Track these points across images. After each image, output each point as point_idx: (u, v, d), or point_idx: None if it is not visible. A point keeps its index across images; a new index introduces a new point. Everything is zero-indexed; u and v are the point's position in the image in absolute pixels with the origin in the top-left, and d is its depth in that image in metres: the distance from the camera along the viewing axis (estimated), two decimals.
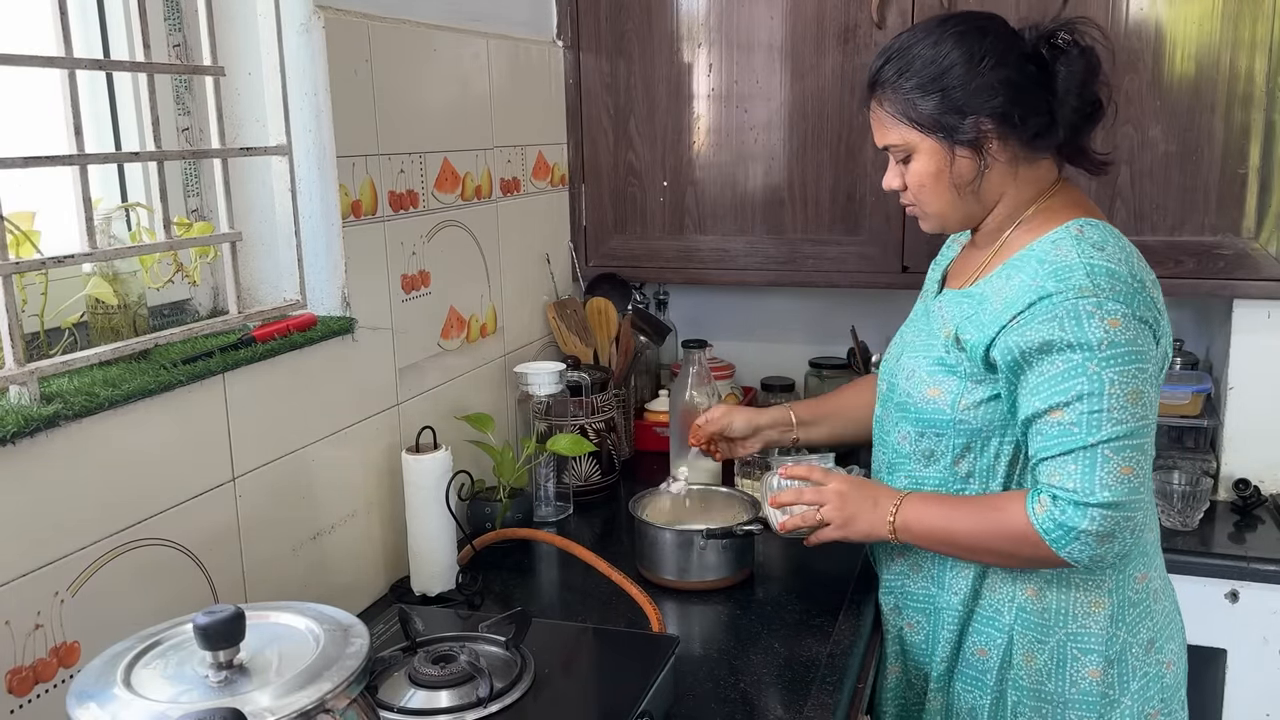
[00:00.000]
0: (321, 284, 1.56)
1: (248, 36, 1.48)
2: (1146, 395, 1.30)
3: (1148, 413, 1.30)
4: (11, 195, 1.15)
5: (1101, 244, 1.34)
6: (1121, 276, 1.31)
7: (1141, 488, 1.30)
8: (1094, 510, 1.29)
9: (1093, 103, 1.39)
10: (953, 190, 1.41)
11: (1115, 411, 1.28)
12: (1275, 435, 2.12)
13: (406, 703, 1.17)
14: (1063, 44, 1.36)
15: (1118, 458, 1.28)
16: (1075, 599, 1.40)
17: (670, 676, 1.30)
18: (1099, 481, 1.28)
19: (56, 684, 1.11)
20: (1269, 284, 2.01)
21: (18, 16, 1.32)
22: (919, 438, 1.47)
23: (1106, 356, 1.28)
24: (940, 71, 1.36)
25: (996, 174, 1.40)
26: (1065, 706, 1.41)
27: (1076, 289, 1.29)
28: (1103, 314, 1.28)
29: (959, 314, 1.43)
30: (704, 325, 2.62)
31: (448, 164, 1.84)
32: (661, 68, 2.29)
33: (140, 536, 1.22)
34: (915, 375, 1.47)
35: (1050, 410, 1.31)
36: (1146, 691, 1.42)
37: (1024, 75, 1.36)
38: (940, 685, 1.52)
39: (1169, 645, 1.46)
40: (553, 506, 1.97)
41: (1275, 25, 1.92)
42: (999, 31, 1.38)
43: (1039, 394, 1.32)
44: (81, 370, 1.19)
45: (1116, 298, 1.29)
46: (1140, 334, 1.30)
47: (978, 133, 1.37)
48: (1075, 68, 1.35)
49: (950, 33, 1.37)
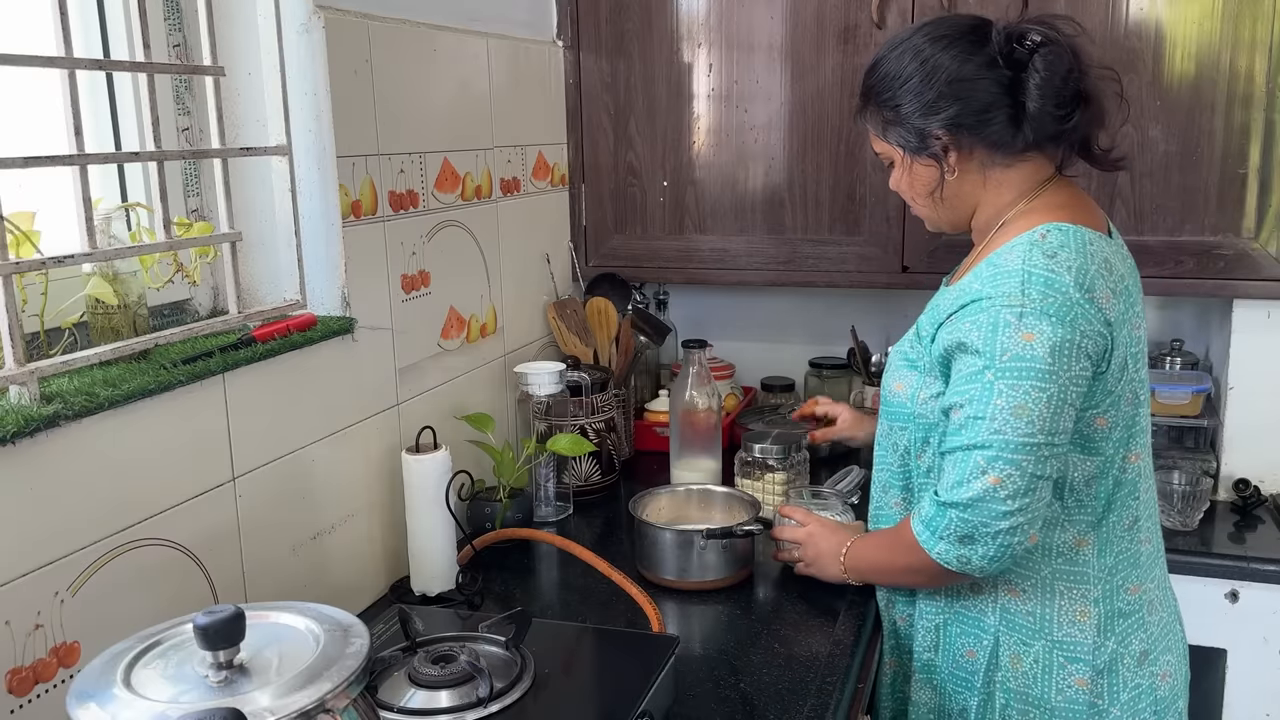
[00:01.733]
0: (321, 284, 1.56)
1: (248, 36, 1.48)
2: (1034, 413, 1.27)
3: (1034, 433, 1.27)
4: (11, 195, 1.15)
5: (1054, 251, 1.32)
6: (1059, 287, 1.29)
7: (1010, 499, 1.28)
8: (951, 511, 1.31)
9: (1074, 99, 1.36)
10: (925, 196, 1.46)
11: (995, 422, 1.28)
12: (1275, 435, 2.12)
13: (406, 703, 1.17)
14: (1033, 43, 1.35)
15: (989, 466, 1.28)
16: (1060, 606, 1.40)
17: (670, 676, 1.30)
18: (960, 482, 1.30)
19: (56, 684, 1.11)
20: (1269, 284, 2.01)
21: (18, 16, 1.32)
22: (890, 431, 1.52)
23: (1003, 368, 1.28)
24: (898, 87, 1.40)
25: (966, 180, 1.42)
26: (1052, 713, 1.41)
27: (1005, 296, 1.30)
28: (1020, 326, 1.28)
29: (933, 311, 1.47)
30: (704, 325, 2.62)
31: (448, 164, 1.84)
32: (661, 68, 2.29)
33: (140, 536, 1.22)
34: (891, 370, 1.52)
35: (951, 408, 1.34)
36: (1138, 704, 1.41)
37: (984, 82, 1.35)
38: (926, 678, 1.52)
39: (1165, 657, 1.45)
40: (553, 506, 1.97)
41: (1275, 25, 1.92)
42: (962, 37, 1.37)
43: (949, 391, 1.36)
44: (81, 370, 1.19)
45: (1045, 311, 1.28)
46: (1057, 354, 1.27)
47: (935, 143, 1.39)
48: (1049, 66, 1.33)
49: (914, 45, 1.39)
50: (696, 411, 2.00)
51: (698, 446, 2.03)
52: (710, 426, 2.02)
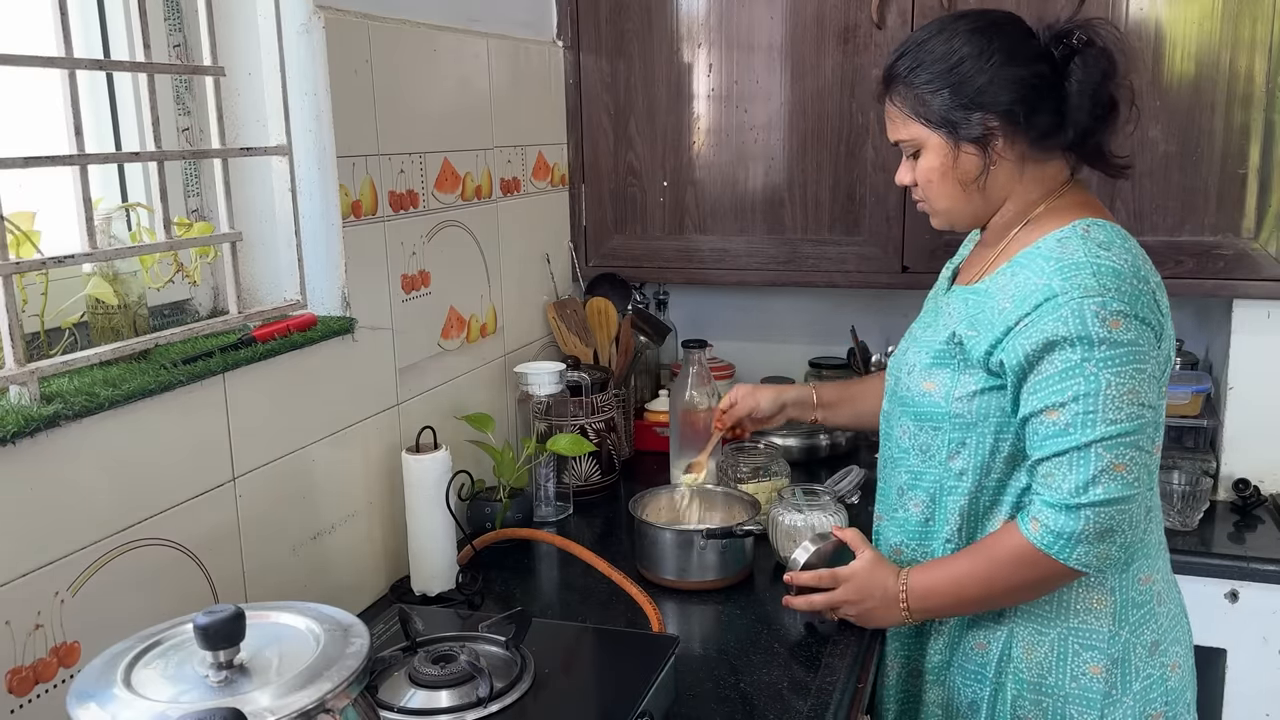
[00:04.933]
0: (321, 284, 1.56)
1: (248, 36, 1.48)
2: (1144, 394, 1.30)
3: (1144, 411, 1.30)
4: (11, 195, 1.15)
5: (1108, 243, 1.34)
6: (1125, 275, 1.31)
7: (1137, 483, 1.30)
8: (1086, 511, 1.29)
9: (1106, 104, 1.38)
10: (958, 186, 1.42)
11: (1109, 411, 1.28)
12: (1275, 435, 2.12)
13: (406, 703, 1.17)
14: (1077, 44, 1.36)
15: (1110, 455, 1.29)
16: (1076, 594, 1.40)
17: (670, 676, 1.30)
18: (1091, 480, 1.29)
19: (57, 684, 1.11)
20: (1269, 284, 2.01)
21: (18, 16, 1.32)
22: (917, 432, 1.48)
23: (1104, 356, 1.28)
24: (949, 67, 1.37)
25: (1003, 172, 1.40)
26: (1065, 701, 1.41)
27: (1082, 288, 1.29)
28: (1106, 314, 1.28)
29: (962, 311, 1.44)
30: (704, 325, 2.62)
31: (448, 164, 1.84)
32: (661, 68, 2.29)
33: (140, 536, 1.22)
34: (915, 370, 1.48)
35: (1046, 410, 1.31)
36: (1150, 693, 1.41)
37: (1034, 74, 1.35)
38: (938, 679, 1.52)
39: (1174, 648, 1.45)
40: (553, 506, 1.97)
41: (1275, 25, 1.92)
42: (1012, 29, 1.38)
43: (1037, 393, 1.32)
44: (82, 370, 1.19)
45: (1121, 297, 1.29)
46: (1141, 334, 1.30)
47: (984, 130, 1.37)
48: (1090, 68, 1.35)
49: (963, 29, 1.38)
50: (696, 411, 2.00)
51: (698, 446, 2.02)
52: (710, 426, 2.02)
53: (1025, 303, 1.33)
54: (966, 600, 1.42)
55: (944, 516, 1.47)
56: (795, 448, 2.23)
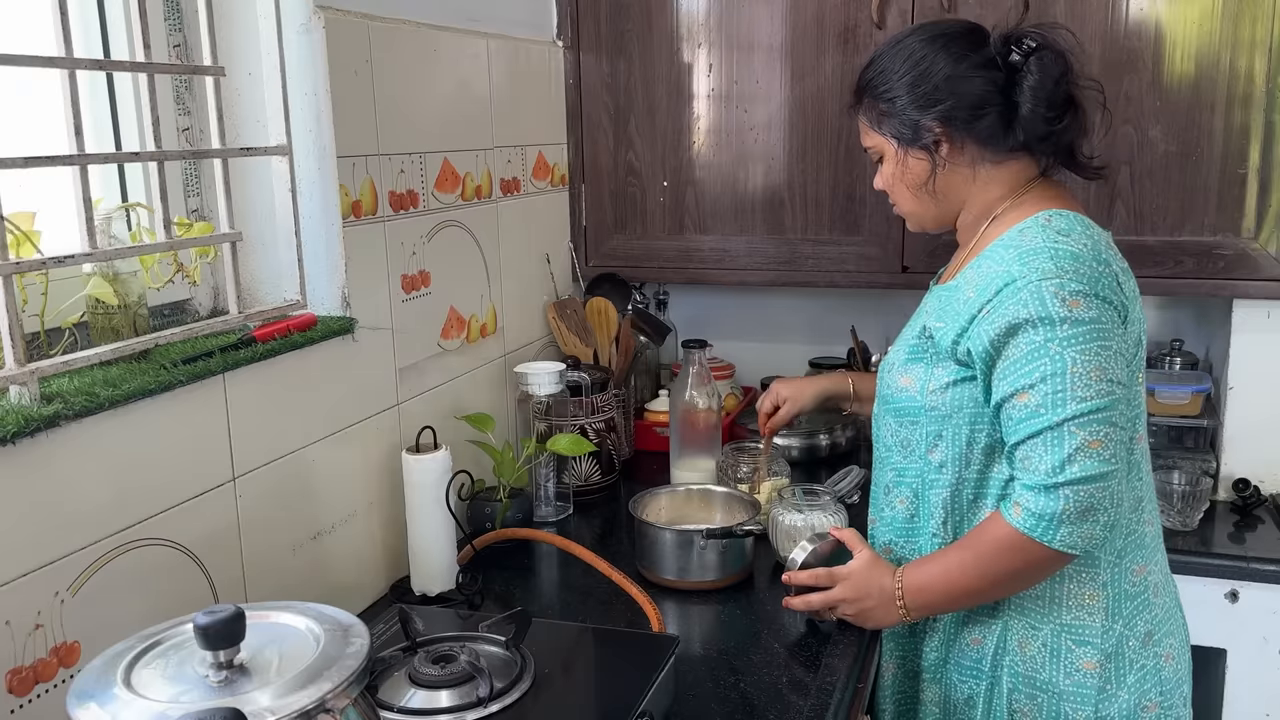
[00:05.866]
0: (321, 284, 1.56)
1: (248, 36, 1.48)
2: (1112, 371, 1.31)
3: (1114, 388, 1.31)
4: (11, 195, 1.15)
5: (1068, 230, 1.37)
6: (1085, 259, 1.33)
7: (1114, 458, 1.30)
8: (1064, 490, 1.30)
9: (1064, 105, 1.40)
10: (911, 191, 1.49)
11: (1079, 389, 1.29)
12: (1275, 435, 2.12)
13: (406, 703, 1.17)
14: (1027, 48, 1.39)
15: (1083, 432, 1.29)
16: (1068, 590, 1.41)
17: (670, 676, 1.30)
18: (1067, 459, 1.29)
19: (57, 684, 1.11)
20: (1269, 284, 2.01)
21: (18, 16, 1.32)
22: (898, 428, 1.51)
23: (1067, 335, 1.30)
24: (894, 80, 1.44)
25: (956, 175, 1.45)
26: (1060, 697, 1.41)
27: (1040, 271, 1.32)
28: (1065, 294, 1.30)
29: (934, 306, 1.48)
30: (704, 325, 2.62)
31: (448, 164, 1.84)
32: (661, 68, 2.29)
33: (140, 536, 1.22)
34: (894, 367, 1.52)
35: (1017, 393, 1.33)
36: (1144, 684, 1.42)
37: (978, 80, 1.40)
38: (934, 675, 1.52)
39: (1168, 640, 1.46)
40: (553, 506, 1.97)
41: (1275, 25, 1.92)
42: (962, 38, 1.43)
43: (1006, 378, 1.34)
44: (82, 370, 1.19)
45: (1079, 279, 1.31)
46: (1103, 312, 1.32)
47: (929, 136, 1.43)
48: (1042, 72, 1.38)
49: (914, 41, 1.44)
50: (696, 411, 2.00)
51: (698, 446, 2.03)
52: (710, 426, 2.02)
53: (986, 290, 1.36)
54: (959, 593, 1.42)
55: (928, 511, 1.48)
56: (795, 448, 2.23)
